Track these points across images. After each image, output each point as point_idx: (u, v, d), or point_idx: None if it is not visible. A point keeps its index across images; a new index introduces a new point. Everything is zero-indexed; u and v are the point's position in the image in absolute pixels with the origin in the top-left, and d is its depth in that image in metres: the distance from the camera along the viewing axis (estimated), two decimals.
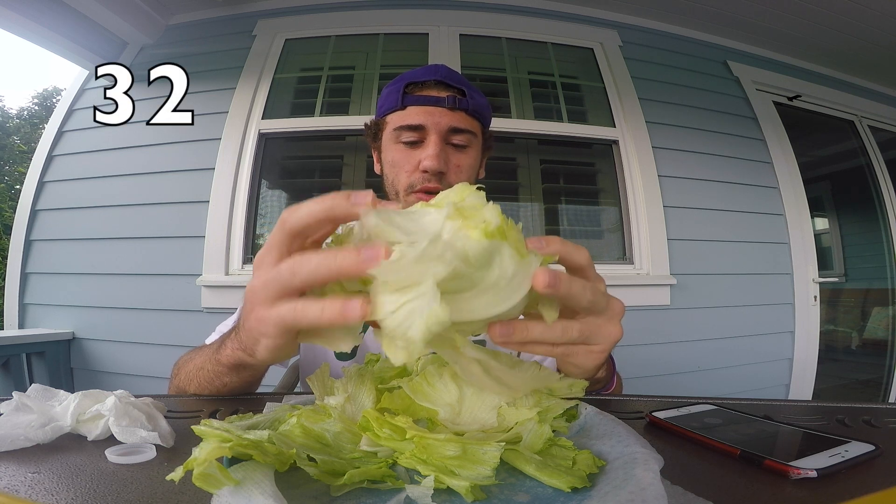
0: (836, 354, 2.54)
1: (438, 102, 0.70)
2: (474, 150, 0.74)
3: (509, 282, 0.25)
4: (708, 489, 0.23)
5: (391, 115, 0.73)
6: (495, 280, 0.25)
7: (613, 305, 0.34)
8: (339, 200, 0.28)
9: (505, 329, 0.28)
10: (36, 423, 0.31)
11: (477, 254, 0.24)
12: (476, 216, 0.25)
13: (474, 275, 0.24)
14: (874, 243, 2.53)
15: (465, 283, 0.24)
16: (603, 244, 2.00)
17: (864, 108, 2.52)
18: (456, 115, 0.71)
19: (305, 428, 0.28)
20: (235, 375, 0.44)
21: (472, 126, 0.73)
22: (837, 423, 0.37)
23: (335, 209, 0.28)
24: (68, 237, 1.87)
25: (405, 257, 0.23)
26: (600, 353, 0.34)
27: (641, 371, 1.78)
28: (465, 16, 2.09)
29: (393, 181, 0.72)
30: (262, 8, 2.12)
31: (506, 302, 0.25)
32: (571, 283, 0.29)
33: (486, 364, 0.29)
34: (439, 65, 0.77)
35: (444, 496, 0.23)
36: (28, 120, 14.14)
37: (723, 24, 2.22)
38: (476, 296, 0.25)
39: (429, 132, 0.70)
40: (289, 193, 2.00)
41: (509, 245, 0.25)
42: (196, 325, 1.66)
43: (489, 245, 0.24)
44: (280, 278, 0.28)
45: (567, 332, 0.31)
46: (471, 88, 0.74)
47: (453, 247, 0.23)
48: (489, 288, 0.25)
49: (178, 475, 0.20)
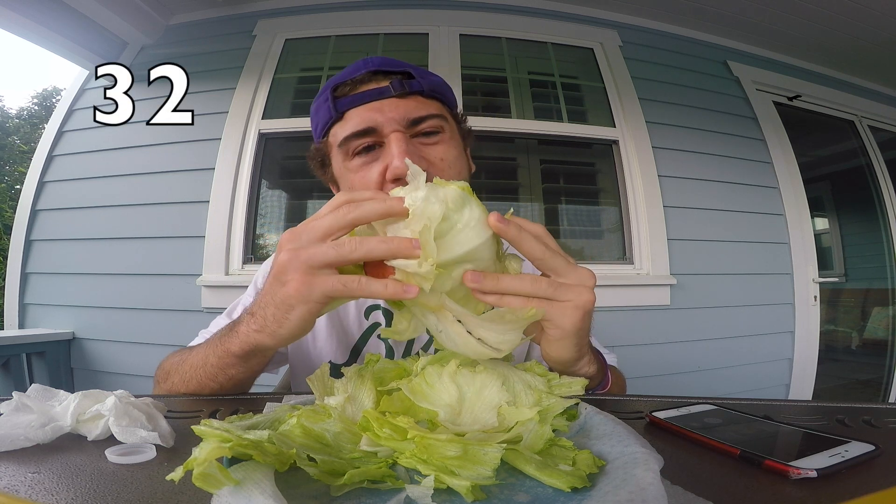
0: (836, 354, 2.54)
1: (382, 93, 0.56)
2: (451, 138, 0.60)
3: (477, 222, 0.32)
4: (708, 489, 0.23)
5: (331, 131, 0.59)
6: (467, 220, 0.32)
7: (580, 271, 0.37)
8: (395, 203, 0.32)
9: (476, 276, 0.33)
10: (36, 423, 0.31)
11: (454, 198, 0.32)
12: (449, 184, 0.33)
13: (452, 216, 0.31)
14: (874, 243, 2.53)
15: (445, 226, 0.31)
16: (603, 244, 2.01)
17: (864, 108, 2.52)
18: (410, 101, 0.56)
19: (305, 428, 0.28)
20: (243, 365, 0.44)
21: (435, 109, 0.58)
22: (837, 423, 0.37)
23: (394, 210, 0.32)
24: (68, 237, 1.87)
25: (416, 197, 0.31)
26: (575, 310, 0.36)
27: (641, 371, 1.78)
28: (465, 16, 2.09)
29: None
30: (262, 8, 2.12)
31: (476, 238, 0.32)
32: (521, 231, 0.34)
33: (466, 321, 0.33)
34: (368, 57, 0.61)
35: (444, 496, 0.23)
36: (28, 120, 14.14)
37: (723, 24, 2.22)
38: (453, 236, 0.32)
39: (383, 132, 0.55)
40: (289, 193, 2.00)
41: (475, 199, 0.33)
42: (196, 325, 1.64)
43: (462, 194, 0.32)
44: (341, 252, 0.33)
45: (537, 284, 0.35)
46: (417, 69, 0.60)
47: (436, 193, 0.31)
48: (463, 227, 0.32)
49: (178, 475, 0.20)
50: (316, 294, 0.34)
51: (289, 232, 0.36)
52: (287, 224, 1.91)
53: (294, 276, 0.35)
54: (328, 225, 0.34)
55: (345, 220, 0.34)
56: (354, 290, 0.33)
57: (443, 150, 0.58)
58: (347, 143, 0.56)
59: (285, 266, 0.35)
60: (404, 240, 0.31)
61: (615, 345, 1.75)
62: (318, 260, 0.34)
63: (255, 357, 0.44)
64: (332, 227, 0.34)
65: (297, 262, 0.34)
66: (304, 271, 0.34)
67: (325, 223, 0.34)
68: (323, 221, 0.34)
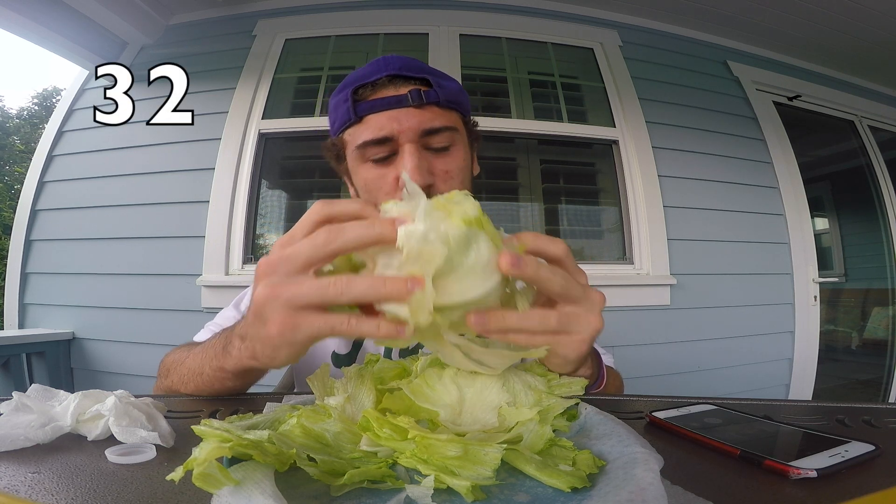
0: (836, 354, 2.54)
1: (400, 102, 0.57)
2: (460, 150, 0.62)
3: (485, 267, 0.28)
4: (708, 489, 0.23)
5: (348, 131, 0.61)
6: (472, 265, 0.27)
7: (592, 296, 0.34)
8: (387, 227, 0.28)
9: (480, 317, 0.29)
10: (36, 423, 0.31)
11: (457, 238, 0.27)
12: (458, 209, 0.28)
13: (454, 258, 0.27)
14: (874, 243, 2.53)
15: (447, 267, 0.27)
16: (603, 244, 2.01)
17: (864, 108, 2.52)
18: (426, 112, 0.58)
19: (305, 428, 0.28)
20: (240, 380, 0.44)
21: (450, 120, 0.60)
22: (837, 423, 0.37)
23: (384, 237, 0.28)
24: (68, 237, 1.87)
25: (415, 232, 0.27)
26: (581, 343, 0.35)
27: (641, 371, 1.78)
28: (465, 16, 2.09)
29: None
30: (262, 8, 2.12)
31: (481, 286, 0.28)
32: (539, 268, 0.30)
33: (465, 348, 0.31)
34: (389, 56, 0.61)
35: (445, 496, 0.23)
36: (28, 120, 14.13)
37: (723, 24, 2.22)
38: (455, 280, 0.28)
39: (399, 142, 0.57)
40: (289, 193, 2.00)
41: (486, 234, 0.28)
42: (196, 325, 1.64)
43: (468, 231, 0.27)
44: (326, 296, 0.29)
45: (545, 320, 0.32)
46: (436, 74, 0.61)
47: (437, 229, 0.26)
48: (467, 273, 0.27)
49: (178, 475, 0.20)
50: (301, 337, 0.31)
51: (264, 261, 0.32)
52: (287, 224, 1.91)
53: (275, 318, 0.31)
54: (306, 256, 0.30)
55: (324, 252, 0.30)
56: (343, 332, 0.30)
57: (451, 161, 0.60)
58: (364, 148, 0.58)
59: (263, 304, 0.31)
60: (398, 282, 0.27)
61: (615, 345, 1.76)
62: (299, 301, 0.30)
63: (251, 375, 0.44)
64: (312, 259, 0.30)
65: (276, 303, 0.30)
66: (286, 312, 0.30)
67: (303, 253, 0.30)
68: (300, 250, 0.30)
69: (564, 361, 0.36)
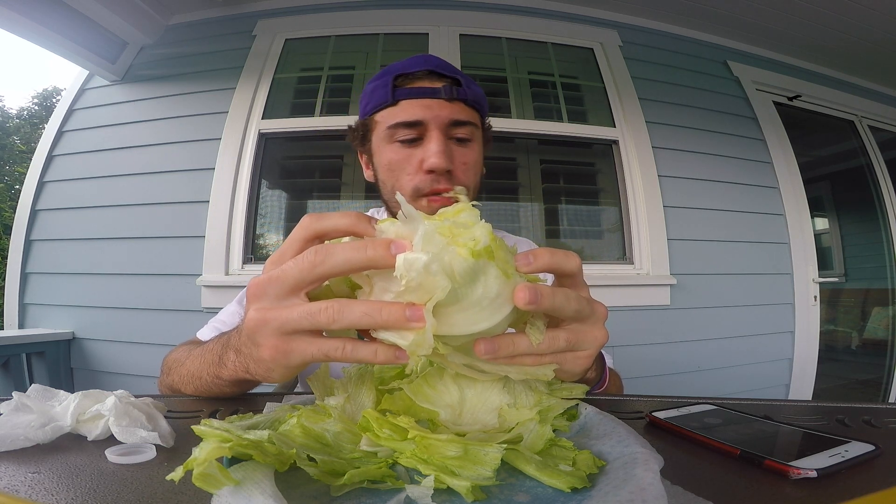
0: (836, 354, 2.53)
1: (435, 94, 0.64)
2: (477, 145, 0.69)
3: (492, 301, 0.26)
4: (708, 489, 0.23)
5: (381, 113, 0.66)
6: (478, 298, 0.26)
7: (597, 310, 0.34)
8: (381, 251, 0.26)
9: (489, 346, 0.28)
10: (36, 423, 0.31)
11: (462, 271, 0.25)
12: (466, 234, 0.25)
13: (459, 290, 0.25)
14: (874, 243, 2.53)
15: (450, 298, 0.25)
16: (603, 244, 2.00)
17: (864, 108, 2.52)
18: (455, 106, 0.65)
19: (305, 428, 0.28)
20: (238, 388, 0.44)
21: (473, 117, 0.68)
22: (837, 423, 0.37)
23: (377, 262, 0.26)
24: (68, 237, 1.87)
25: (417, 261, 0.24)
26: (587, 359, 0.35)
27: (641, 371, 1.78)
28: (465, 16, 2.09)
29: (393, 186, 0.66)
30: (262, 8, 2.12)
31: (487, 320, 0.26)
32: (554, 296, 0.29)
33: (473, 366, 0.31)
34: (428, 55, 0.70)
35: (444, 496, 0.23)
36: (28, 120, 14.14)
37: (723, 24, 2.22)
38: (459, 311, 0.26)
39: (429, 128, 0.63)
40: (289, 193, 2.00)
41: (496, 266, 0.26)
42: (196, 325, 1.64)
43: (475, 264, 0.25)
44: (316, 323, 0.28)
45: (554, 343, 0.31)
46: (465, 77, 0.69)
47: (441, 260, 0.24)
48: (472, 305, 0.26)
49: (178, 475, 0.20)
50: (294, 361, 0.30)
51: (253, 283, 0.31)
52: (287, 224, 1.91)
53: (266, 343, 0.30)
54: (293, 280, 0.28)
55: (311, 275, 0.28)
56: (338, 358, 0.29)
57: (470, 154, 0.67)
58: (395, 129, 0.64)
59: (254, 330, 0.30)
60: (396, 309, 0.25)
61: (615, 345, 1.76)
62: (290, 327, 0.29)
63: (248, 384, 0.43)
64: (299, 283, 0.28)
65: (267, 329, 0.30)
66: (277, 338, 0.30)
67: (290, 277, 0.28)
68: (287, 273, 0.28)
69: (570, 376, 0.36)
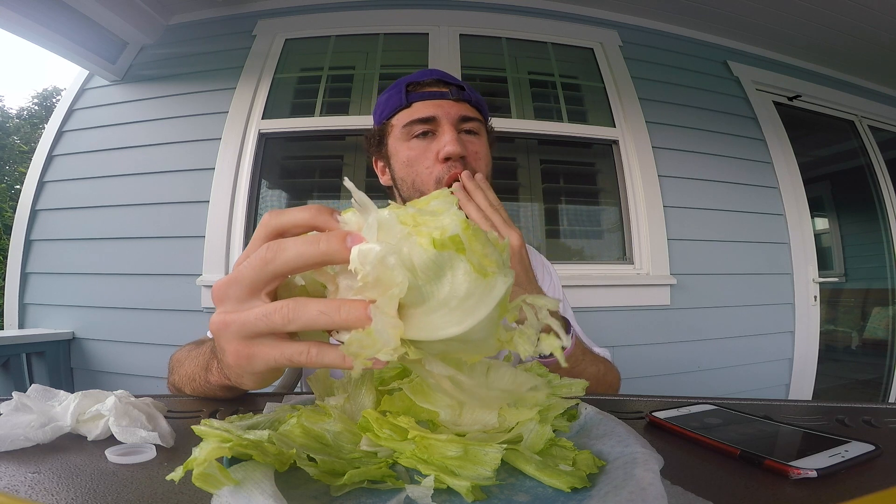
0: (836, 354, 2.53)
1: (443, 95, 0.73)
2: (485, 139, 0.77)
3: (461, 302, 0.22)
4: (708, 489, 0.23)
5: (397, 116, 0.74)
6: (445, 298, 0.22)
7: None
8: (335, 244, 0.24)
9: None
10: (36, 423, 0.31)
11: (423, 264, 0.21)
12: (432, 222, 0.22)
13: (423, 288, 0.22)
14: (874, 243, 2.53)
15: (415, 297, 0.22)
16: (603, 244, 2.00)
17: (864, 108, 2.52)
18: (462, 105, 0.74)
19: (305, 428, 0.28)
20: (229, 392, 0.44)
21: (478, 116, 0.76)
22: (837, 423, 0.37)
23: (331, 256, 0.24)
24: (68, 237, 1.87)
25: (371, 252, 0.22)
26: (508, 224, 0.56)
27: (641, 371, 1.78)
28: (465, 16, 2.09)
29: (414, 181, 0.71)
30: (262, 8, 2.12)
31: (457, 324, 0.22)
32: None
33: (455, 379, 0.27)
34: (434, 69, 0.81)
35: (444, 496, 0.23)
36: (28, 120, 14.14)
37: (723, 24, 2.22)
38: (426, 313, 0.22)
39: (441, 122, 0.71)
40: (289, 193, 2.00)
41: (466, 260, 0.22)
42: (196, 325, 1.66)
43: (438, 256, 0.21)
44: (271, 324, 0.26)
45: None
46: (467, 85, 0.77)
47: (399, 251, 0.21)
48: (440, 306, 0.22)
49: (178, 475, 0.20)
50: (258, 367, 0.28)
51: (216, 286, 0.29)
52: None
53: (229, 348, 0.28)
54: (249, 280, 0.27)
55: (265, 273, 0.26)
56: (303, 363, 0.27)
57: (479, 145, 0.74)
58: (412, 125, 0.72)
59: (217, 334, 0.29)
60: (356, 307, 0.23)
61: (615, 345, 1.76)
62: (248, 331, 0.27)
63: (236, 390, 0.43)
64: (256, 283, 0.27)
65: (227, 333, 0.28)
66: (238, 342, 0.28)
67: (246, 276, 0.27)
68: (243, 273, 0.27)
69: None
